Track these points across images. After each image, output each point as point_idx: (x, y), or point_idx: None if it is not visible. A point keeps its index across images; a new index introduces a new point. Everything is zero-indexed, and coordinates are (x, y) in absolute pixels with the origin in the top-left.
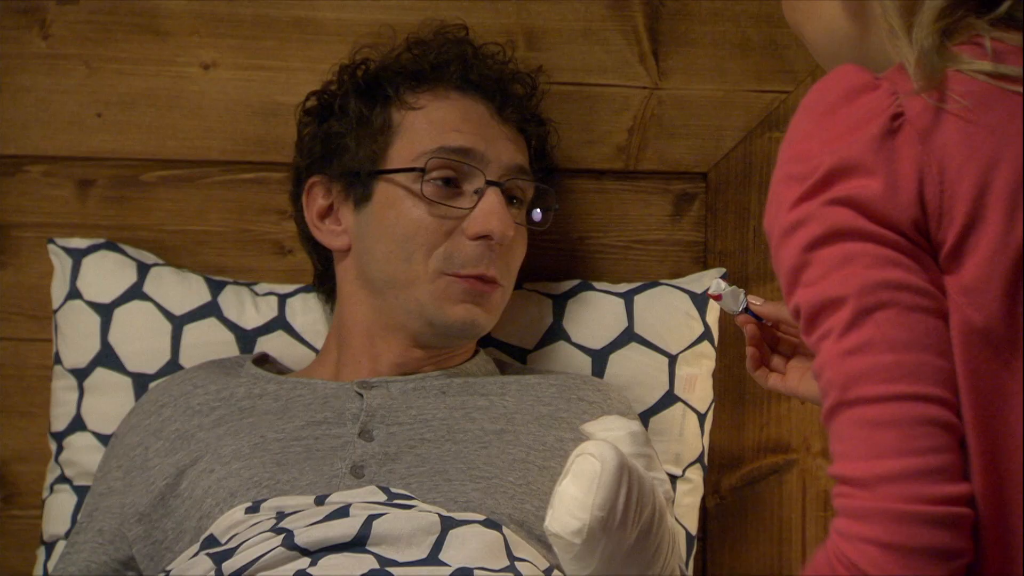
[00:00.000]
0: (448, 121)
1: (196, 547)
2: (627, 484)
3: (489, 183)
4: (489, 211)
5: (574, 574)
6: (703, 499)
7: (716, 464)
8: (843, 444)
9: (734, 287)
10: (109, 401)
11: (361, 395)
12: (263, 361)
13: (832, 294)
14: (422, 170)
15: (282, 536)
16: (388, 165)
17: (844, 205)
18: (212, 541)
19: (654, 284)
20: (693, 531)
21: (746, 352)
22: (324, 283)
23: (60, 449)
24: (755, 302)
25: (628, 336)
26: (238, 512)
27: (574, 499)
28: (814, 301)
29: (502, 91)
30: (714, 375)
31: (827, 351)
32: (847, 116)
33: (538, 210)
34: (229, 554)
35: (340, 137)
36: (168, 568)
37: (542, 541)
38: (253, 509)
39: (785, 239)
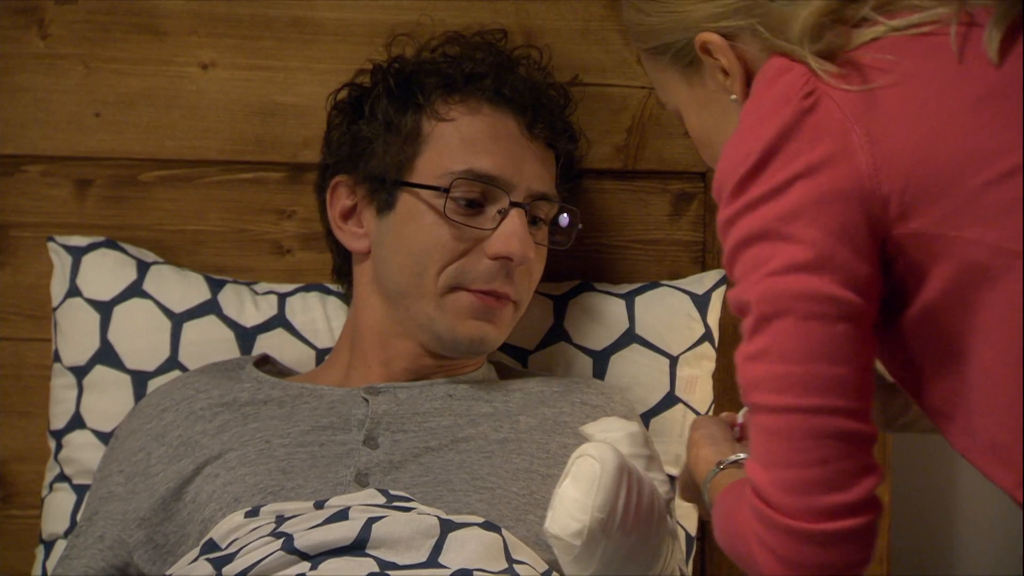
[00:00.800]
0: (478, 140)
1: (196, 552)
2: (627, 485)
3: (513, 204)
4: (511, 233)
5: None
6: None
7: None
8: (751, 443)
9: None
10: (108, 399)
11: (367, 400)
12: (264, 362)
13: (744, 297)
14: (446, 190)
15: (282, 540)
16: (414, 176)
17: (766, 201)
18: (212, 546)
19: (655, 285)
20: (692, 532)
21: None
22: (342, 279)
23: (59, 447)
24: None
25: (629, 337)
26: (237, 516)
27: (574, 501)
28: (734, 302)
29: (535, 106)
30: (714, 376)
31: (737, 352)
32: (768, 100)
33: (565, 215)
34: (229, 559)
35: (368, 141)
36: (168, 573)
37: (548, 549)
38: (252, 513)
39: (722, 233)
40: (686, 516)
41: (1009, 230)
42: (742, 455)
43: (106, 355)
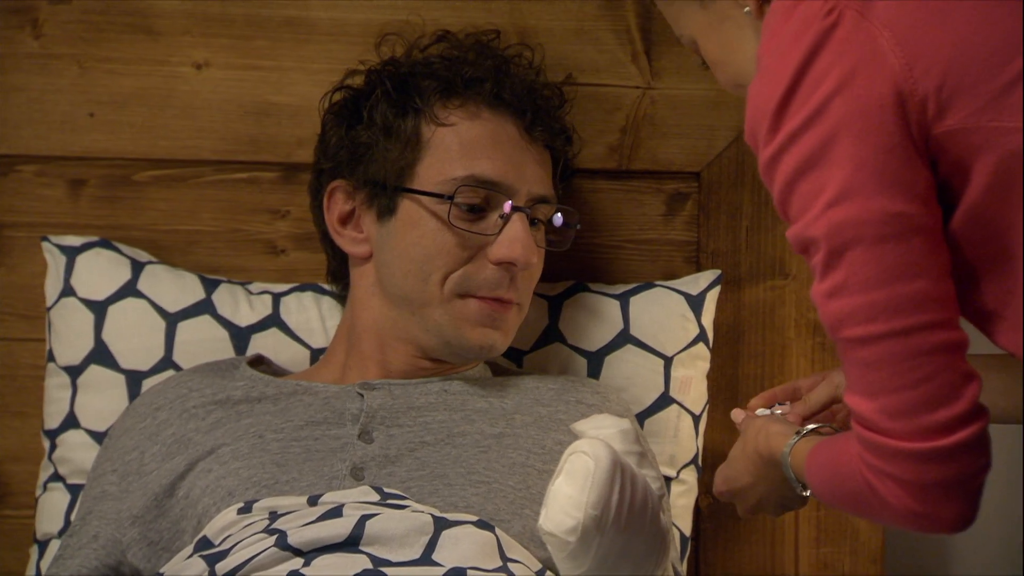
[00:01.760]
0: (479, 145)
1: (190, 549)
2: (620, 482)
3: (515, 209)
4: (514, 238)
5: (568, 573)
6: (696, 499)
7: (709, 464)
8: (847, 376)
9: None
10: (102, 398)
11: (362, 395)
12: (258, 362)
13: (807, 234)
14: (450, 198)
15: (275, 537)
16: (415, 183)
17: (806, 128)
18: (205, 543)
19: (650, 286)
20: (687, 532)
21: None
22: (337, 281)
23: (53, 447)
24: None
25: (624, 338)
26: (231, 513)
27: (568, 497)
28: (796, 240)
29: (533, 108)
30: (708, 376)
31: (813, 291)
32: (788, 30)
33: (559, 215)
34: (222, 555)
35: (367, 147)
36: (162, 571)
37: (544, 545)
38: (246, 510)
39: (767, 175)
40: (680, 516)
41: None
42: (813, 425)
43: (100, 355)
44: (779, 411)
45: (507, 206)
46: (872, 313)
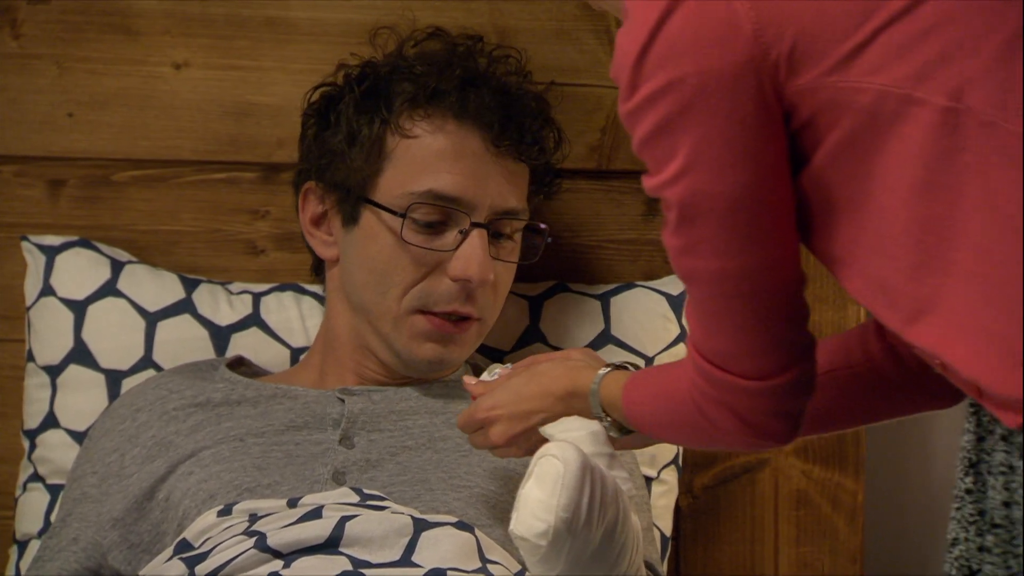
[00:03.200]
0: (441, 160)
1: (170, 551)
2: (591, 484)
3: (474, 225)
4: (470, 255)
5: None
6: (676, 499)
7: (689, 464)
8: (689, 314)
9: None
10: (82, 398)
11: (342, 400)
12: (238, 364)
13: (660, 194)
14: (403, 214)
15: (255, 538)
16: (376, 194)
17: (665, 94)
18: (185, 545)
19: (631, 286)
20: (667, 532)
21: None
22: (319, 276)
23: (33, 447)
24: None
25: (605, 338)
26: (211, 515)
27: (538, 501)
28: (650, 193)
29: (501, 120)
30: None
31: (665, 236)
32: None
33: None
34: (202, 557)
35: (334, 153)
36: (142, 573)
37: None
38: (225, 512)
39: (626, 125)
40: (660, 516)
41: (897, 73)
42: (619, 361)
43: (80, 354)
44: (497, 372)
45: (467, 222)
46: (721, 277)
